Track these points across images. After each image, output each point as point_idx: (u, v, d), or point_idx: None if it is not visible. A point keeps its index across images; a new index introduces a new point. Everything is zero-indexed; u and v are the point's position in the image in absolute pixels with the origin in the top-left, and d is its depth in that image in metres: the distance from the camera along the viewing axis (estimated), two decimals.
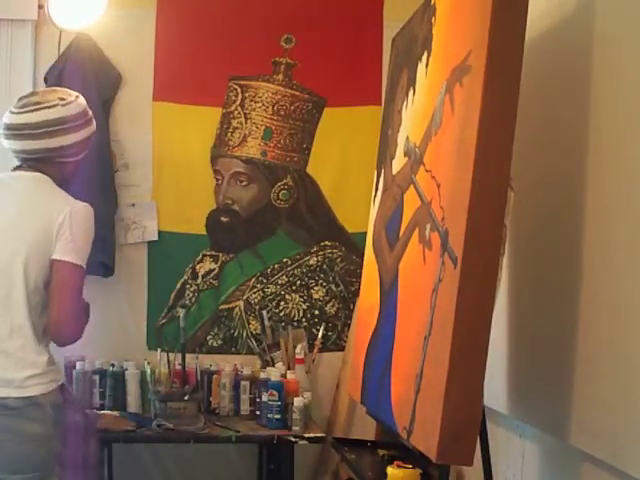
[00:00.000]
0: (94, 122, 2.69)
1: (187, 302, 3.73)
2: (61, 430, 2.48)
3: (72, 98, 2.61)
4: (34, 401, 2.43)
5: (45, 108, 2.54)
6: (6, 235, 2.50)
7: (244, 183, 3.79)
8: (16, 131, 2.55)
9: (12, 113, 2.58)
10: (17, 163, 2.61)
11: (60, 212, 2.48)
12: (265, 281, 3.79)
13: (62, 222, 2.47)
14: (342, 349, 3.77)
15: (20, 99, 2.61)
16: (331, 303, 3.82)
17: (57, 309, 2.46)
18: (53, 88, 2.78)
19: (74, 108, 2.59)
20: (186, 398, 3.27)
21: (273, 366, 3.51)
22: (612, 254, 1.97)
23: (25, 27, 3.62)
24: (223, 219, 3.78)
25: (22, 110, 2.56)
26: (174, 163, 3.74)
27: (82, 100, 2.65)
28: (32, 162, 2.57)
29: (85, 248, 2.51)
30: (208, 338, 3.76)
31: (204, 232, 3.76)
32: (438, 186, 2.21)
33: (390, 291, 2.59)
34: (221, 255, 3.78)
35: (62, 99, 2.58)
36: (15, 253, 2.47)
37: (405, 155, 2.63)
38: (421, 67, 2.57)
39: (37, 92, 2.69)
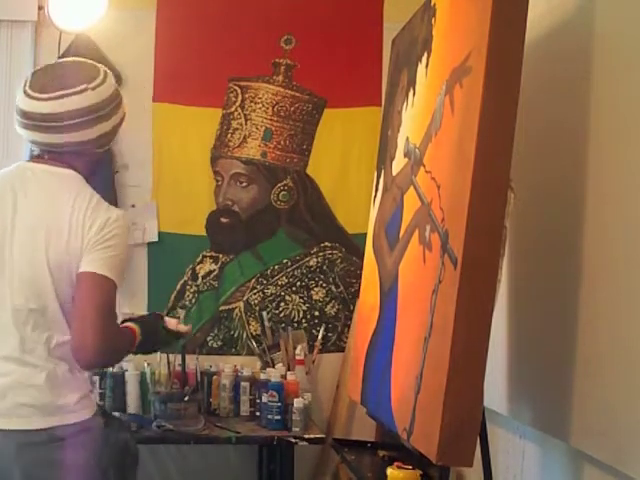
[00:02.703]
0: (124, 102, 2.23)
1: (187, 303, 3.73)
2: (106, 455, 2.15)
3: (100, 77, 2.14)
4: (85, 426, 2.09)
5: (72, 95, 2.07)
6: (34, 243, 2.07)
7: (244, 184, 3.79)
8: (37, 122, 2.09)
9: (30, 98, 2.09)
10: (35, 151, 2.19)
11: (94, 221, 2.07)
12: (265, 282, 3.79)
13: (96, 232, 2.06)
14: (342, 350, 3.77)
15: (36, 76, 2.14)
16: (331, 304, 3.82)
17: (79, 326, 2.04)
18: (75, 60, 2.28)
19: (105, 91, 2.13)
20: (186, 399, 3.27)
21: (273, 367, 3.52)
22: (612, 255, 1.97)
23: (25, 28, 3.63)
24: (223, 220, 3.78)
25: (43, 96, 2.08)
26: (174, 164, 3.74)
27: (110, 77, 2.18)
28: (57, 154, 2.13)
29: (118, 262, 2.09)
30: (208, 339, 3.76)
31: (204, 233, 3.76)
32: (438, 187, 2.21)
33: (390, 292, 2.59)
34: (221, 256, 3.78)
35: (90, 80, 2.11)
36: (43, 265, 2.05)
37: (405, 156, 2.63)
38: (421, 68, 2.57)
39: (55, 69, 2.17)
